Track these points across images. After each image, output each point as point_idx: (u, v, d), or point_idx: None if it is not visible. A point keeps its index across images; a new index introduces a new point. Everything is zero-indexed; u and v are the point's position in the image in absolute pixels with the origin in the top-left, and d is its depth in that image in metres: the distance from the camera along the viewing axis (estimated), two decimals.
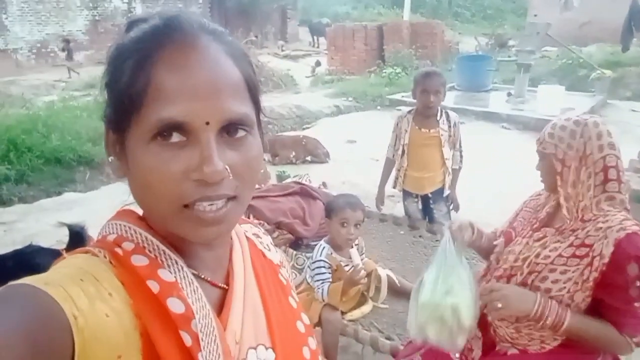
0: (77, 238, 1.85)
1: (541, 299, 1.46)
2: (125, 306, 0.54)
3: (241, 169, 0.56)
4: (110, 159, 0.61)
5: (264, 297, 0.68)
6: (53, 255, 1.89)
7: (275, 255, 0.79)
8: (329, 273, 2.18)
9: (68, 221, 2.00)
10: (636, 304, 1.37)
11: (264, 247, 0.77)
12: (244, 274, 0.67)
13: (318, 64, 13.39)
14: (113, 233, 0.60)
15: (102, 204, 4.59)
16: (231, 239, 0.69)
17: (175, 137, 0.54)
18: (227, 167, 0.54)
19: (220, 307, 0.63)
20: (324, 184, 3.82)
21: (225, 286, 0.65)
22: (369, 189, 4.38)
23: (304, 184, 3.21)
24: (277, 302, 0.70)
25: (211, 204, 0.55)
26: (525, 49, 8.22)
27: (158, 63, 0.53)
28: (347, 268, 2.21)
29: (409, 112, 3.11)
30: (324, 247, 2.25)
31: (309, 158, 5.80)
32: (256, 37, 17.08)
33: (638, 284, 1.35)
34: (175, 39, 0.54)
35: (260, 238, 0.79)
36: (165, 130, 0.53)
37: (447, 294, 1.56)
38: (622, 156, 1.50)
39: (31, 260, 1.93)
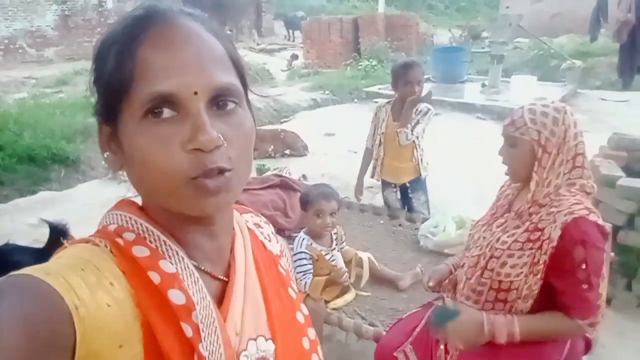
0: (58, 236, 1.82)
1: (486, 322, 1.50)
2: (126, 295, 0.54)
3: (234, 138, 0.57)
4: (105, 154, 0.61)
5: (264, 288, 0.68)
6: (31, 253, 1.85)
7: (276, 245, 0.78)
8: (310, 264, 2.21)
9: (40, 218, 1.97)
10: (583, 286, 1.40)
11: (265, 238, 0.77)
12: (245, 265, 0.67)
13: (295, 57, 13.34)
14: (114, 223, 0.60)
15: (79, 202, 4.53)
16: (233, 230, 0.69)
17: (167, 113, 0.54)
18: (220, 135, 0.54)
19: (221, 298, 0.63)
20: (304, 177, 3.84)
21: (225, 278, 0.65)
22: (348, 181, 4.41)
23: (284, 177, 3.23)
24: (276, 293, 0.70)
25: (209, 169, 0.55)
26: (498, 40, 8.34)
27: (142, 44, 0.55)
28: (327, 257, 2.24)
29: (388, 102, 3.14)
30: (303, 239, 2.27)
31: (287, 151, 5.79)
32: (231, 31, 16.92)
33: (584, 267, 1.38)
34: (157, 21, 0.56)
35: (262, 228, 0.79)
36: (155, 106, 0.54)
37: None
38: (593, 143, 1.55)
39: (9, 258, 1.89)
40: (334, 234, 2.35)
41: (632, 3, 8.46)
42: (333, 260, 2.26)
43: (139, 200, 0.63)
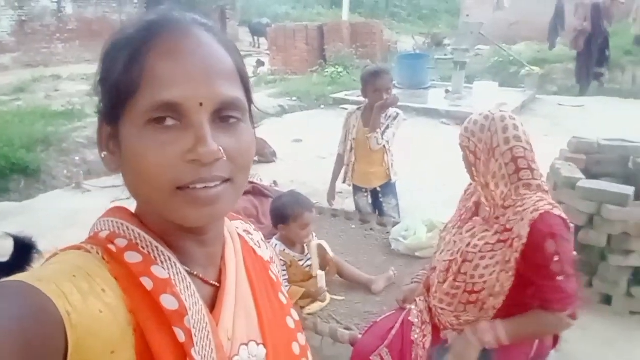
0: (24, 250, 1.74)
1: (470, 334, 1.56)
2: (119, 301, 0.54)
3: (235, 152, 0.57)
4: (103, 154, 0.61)
5: (255, 294, 0.68)
6: None
7: (266, 251, 0.79)
8: (284, 270, 2.21)
9: (5, 232, 1.90)
10: (559, 278, 1.45)
11: (255, 244, 0.77)
12: (236, 271, 0.68)
13: (261, 63, 13.28)
14: (106, 229, 0.60)
15: (40, 212, 4.38)
16: (224, 236, 0.69)
17: (170, 121, 0.55)
18: (220, 148, 0.55)
19: (213, 304, 0.63)
20: (275, 183, 3.84)
21: (216, 284, 0.65)
22: (317, 187, 4.44)
23: (256, 183, 3.21)
24: (267, 298, 0.71)
25: (205, 186, 0.55)
26: (461, 47, 8.57)
27: (152, 51, 0.55)
28: (300, 263, 2.25)
29: (358, 108, 3.19)
30: (275, 245, 2.27)
31: (256, 158, 5.75)
32: None
33: (557, 259, 1.43)
34: (169, 29, 0.56)
35: (251, 235, 0.79)
36: (159, 114, 0.54)
37: None
38: (553, 146, 1.61)
39: None
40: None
41: (589, 13, 8.87)
42: (307, 267, 2.27)
43: (130, 207, 0.63)
